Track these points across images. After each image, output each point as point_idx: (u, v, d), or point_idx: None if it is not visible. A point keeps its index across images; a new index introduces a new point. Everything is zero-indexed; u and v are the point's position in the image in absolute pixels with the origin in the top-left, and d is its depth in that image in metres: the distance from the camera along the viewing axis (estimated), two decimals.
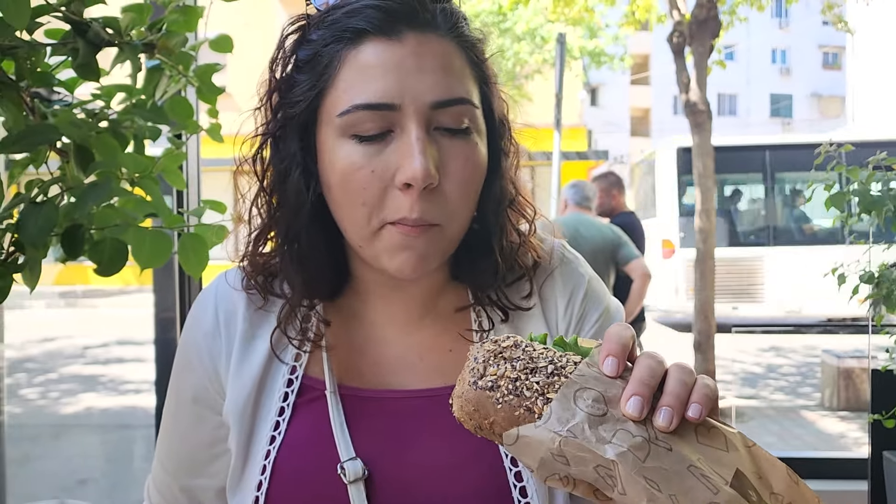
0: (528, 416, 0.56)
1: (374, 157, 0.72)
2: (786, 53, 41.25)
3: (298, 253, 0.80)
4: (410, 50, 0.72)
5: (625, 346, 0.57)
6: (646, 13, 7.54)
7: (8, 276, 0.90)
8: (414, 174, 0.70)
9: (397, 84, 0.71)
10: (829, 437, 5.57)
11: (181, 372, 0.88)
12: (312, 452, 0.79)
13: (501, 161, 0.82)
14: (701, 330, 6.11)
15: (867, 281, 1.88)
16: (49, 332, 9.81)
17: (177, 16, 0.99)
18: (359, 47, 0.73)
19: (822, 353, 6.46)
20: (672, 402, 0.54)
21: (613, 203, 4.73)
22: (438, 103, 0.72)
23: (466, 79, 0.76)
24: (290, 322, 0.82)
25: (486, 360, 0.59)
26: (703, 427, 0.55)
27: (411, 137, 0.71)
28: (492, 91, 0.81)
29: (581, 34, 14.91)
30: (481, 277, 0.83)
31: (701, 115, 6.05)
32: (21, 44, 0.88)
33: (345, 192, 0.74)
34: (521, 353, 0.59)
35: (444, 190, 0.73)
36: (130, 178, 0.99)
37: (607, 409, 0.54)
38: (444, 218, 0.74)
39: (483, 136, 0.78)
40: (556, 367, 0.58)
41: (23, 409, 6.35)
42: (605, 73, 21.13)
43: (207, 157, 2.16)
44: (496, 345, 0.60)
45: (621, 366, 0.56)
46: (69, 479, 4.59)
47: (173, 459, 0.90)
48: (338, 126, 0.73)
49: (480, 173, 0.77)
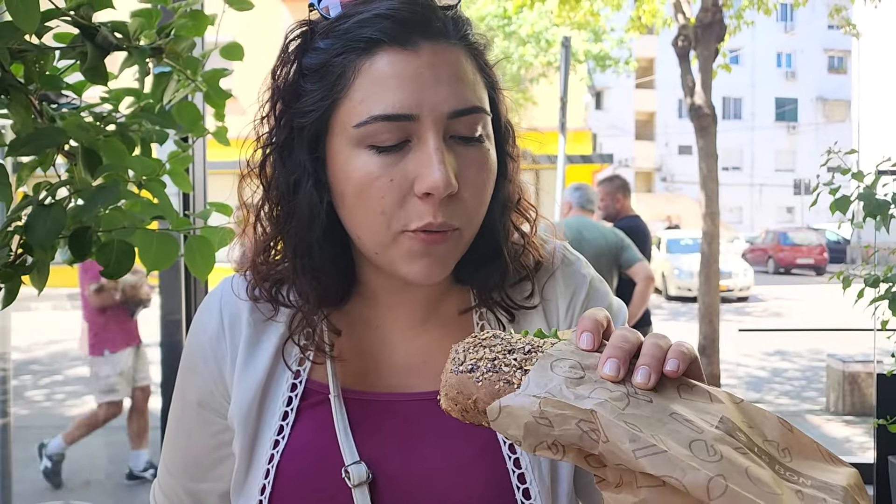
0: (508, 388, 0.57)
1: (393, 166, 0.72)
2: (791, 57, 41.18)
3: (311, 265, 0.79)
4: (426, 61, 0.73)
5: (598, 323, 0.59)
6: (651, 17, 7.54)
7: (16, 277, 0.90)
8: (435, 183, 0.70)
9: (415, 95, 0.72)
10: (834, 442, 5.55)
11: (186, 376, 0.88)
12: (316, 456, 0.79)
13: (508, 165, 0.83)
14: (706, 334, 6.10)
15: (872, 284, 1.87)
16: (55, 334, 9.82)
17: (185, 20, 1.00)
18: (373, 58, 0.73)
19: (827, 357, 6.43)
20: (648, 361, 0.55)
21: (618, 206, 4.73)
22: (455, 113, 0.73)
23: (478, 86, 0.77)
24: (301, 331, 0.82)
25: (465, 350, 0.61)
26: (686, 386, 0.56)
27: (430, 147, 0.71)
28: (498, 96, 0.82)
29: (586, 38, 14.90)
30: (488, 279, 0.83)
31: (706, 119, 6.05)
32: (30, 47, 0.89)
33: (362, 201, 0.74)
34: (500, 341, 0.61)
35: (462, 197, 0.74)
36: (138, 181, 0.99)
37: (584, 374, 0.55)
38: (463, 221, 0.75)
39: (492, 141, 0.79)
40: (533, 346, 0.60)
41: (29, 410, 6.37)
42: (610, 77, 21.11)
43: (213, 161, 2.17)
44: (475, 338, 0.62)
45: (596, 341, 0.58)
46: (74, 480, 4.60)
47: (178, 463, 0.90)
48: (353, 136, 0.73)
49: (493, 179, 0.78)
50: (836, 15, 8.08)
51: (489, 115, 0.77)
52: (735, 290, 15.23)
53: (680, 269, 15.64)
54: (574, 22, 8.43)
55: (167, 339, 2.15)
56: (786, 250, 22.38)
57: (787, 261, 22.29)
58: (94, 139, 0.94)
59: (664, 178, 40.73)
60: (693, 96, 6.10)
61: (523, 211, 0.87)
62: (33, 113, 0.94)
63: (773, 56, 40.72)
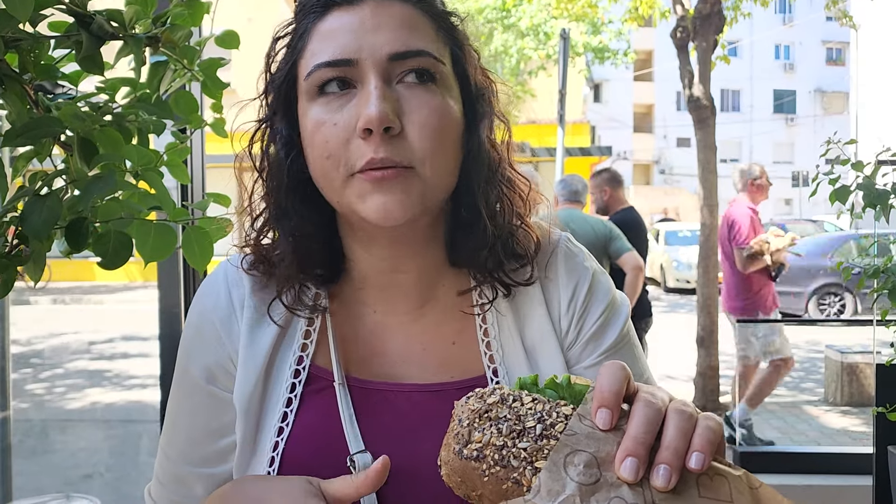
0: (517, 488, 0.53)
1: (337, 111, 0.75)
2: (789, 49, 41.16)
3: (290, 227, 0.82)
4: (369, 11, 0.76)
5: (618, 394, 0.54)
6: (649, 9, 7.53)
7: (12, 268, 0.90)
8: (369, 117, 0.72)
9: (355, 41, 0.75)
10: (833, 433, 5.56)
11: (193, 353, 0.86)
12: (321, 444, 0.79)
13: (479, 123, 0.82)
14: (704, 325, 6.10)
15: (872, 275, 1.87)
16: (55, 327, 9.83)
17: (181, 9, 0.99)
18: (325, 18, 0.78)
19: (825, 349, 6.45)
20: (670, 458, 0.51)
21: (606, 199, 4.73)
22: (396, 55, 0.75)
23: (429, 37, 0.78)
24: (286, 291, 0.83)
25: (470, 423, 0.55)
26: (706, 476, 0.52)
27: (370, 87, 0.74)
28: (465, 55, 0.82)
29: (584, 30, 14.88)
30: (479, 255, 0.82)
31: (704, 111, 6.04)
32: (25, 36, 0.88)
33: (313, 149, 0.77)
34: (508, 412, 0.55)
35: (407, 135, 0.74)
36: (135, 171, 0.99)
37: (600, 475, 0.51)
38: (414, 160, 0.74)
39: (454, 93, 0.79)
40: (545, 426, 0.54)
41: (29, 403, 6.38)
42: (609, 70, 21.08)
43: (212, 154, 2.17)
44: (481, 401, 0.56)
45: (615, 416, 0.53)
46: (74, 474, 4.60)
47: (179, 445, 0.86)
48: (306, 91, 0.77)
49: (449, 123, 0.77)
50: (833, 7, 8.06)
51: (441, 63, 0.77)
52: None
53: (678, 261, 15.65)
54: (572, 14, 8.42)
55: (166, 332, 2.14)
56: None
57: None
58: (91, 129, 0.94)
59: (662, 170, 40.73)
60: (691, 88, 6.08)
61: (516, 185, 0.86)
62: (29, 103, 0.93)
63: (771, 48, 40.70)
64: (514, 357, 0.83)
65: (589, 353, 0.85)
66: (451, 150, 0.78)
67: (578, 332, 0.85)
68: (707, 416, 0.54)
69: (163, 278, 2.16)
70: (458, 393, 0.81)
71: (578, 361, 0.85)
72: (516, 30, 14.18)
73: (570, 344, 0.85)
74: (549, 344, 0.84)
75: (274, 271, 0.84)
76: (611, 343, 0.86)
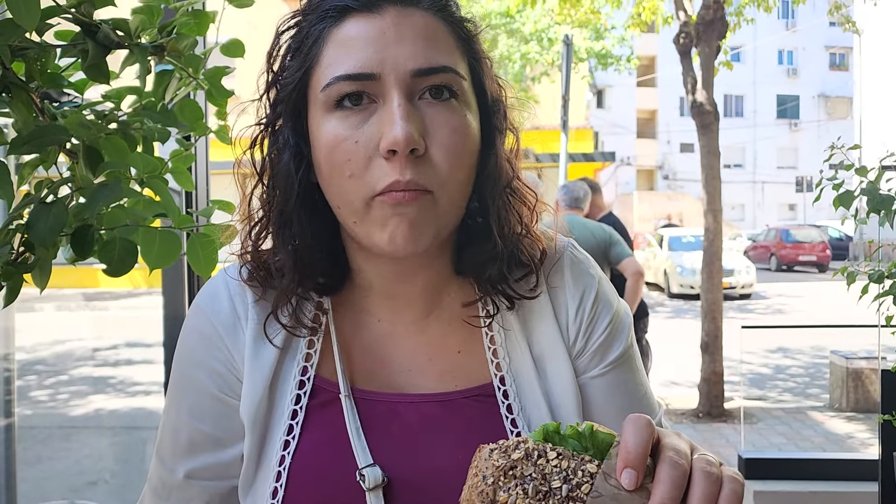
0: None
1: (358, 128, 0.72)
2: (793, 54, 41.14)
3: (291, 236, 0.79)
4: (391, 21, 0.73)
5: (644, 454, 0.54)
6: (652, 15, 7.53)
7: (18, 276, 0.90)
8: (396, 139, 0.69)
9: (377, 54, 0.72)
10: (838, 439, 5.54)
11: (199, 359, 0.83)
12: (329, 458, 0.77)
13: (496, 139, 0.81)
14: (708, 331, 6.09)
15: (877, 280, 1.87)
16: (59, 334, 9.84)
17: (187, 19, 0.99)
18: (341, 24, 0.74)
19: (830, 354, 6.43)
20: None
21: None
22: (420, 71, 0.72)
23: (450, 50, 0.75)
24: (281, 306, 0.80)
25: (495, 482, 0.55)
26: None
27: (393, 105, 0.71)
28: (482, 67, 0.80)
29: (587, 36, 14.89)
30: (486, 267, 0.81)
31: (708, 117, 6.04)
32: (31, 45, 0.88)
33: (331, 165, 0.74)
34: (533, 470, 0.55)
35: (431, 157, 0.72)
36: (140, 179, 0.99)
37: None
38: (435, 185, 0.72)
39: (472, 109, 0.77)
40: (571, 486, 0.54)
41: (33, 410, 6.38)
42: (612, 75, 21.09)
43: (217, 161, 2.17)
44: (506, 457, 0.56)
45: (640, 477, 0.53)
46: (79, 480, 4.60)
47: (180, 453, 0.84)
48: (322, 101, 0.74)
49: (470, 143, 0.75)
50: (836, 12, 8.06)
51: (463, 78, 0.75)
52: (737, 288, 15.24)
53: (682, 267, 15.63)
54: (575, 20, 8.42)
55: (170, 339, 2.14)
56: (788, 247, 22.40)
57: (789, 258, 22.30)
58: (96, 137, 0.94)
59: (666, 175, 40.71)
60: (695, 94, 6.09)
61: (522, 195, 0.84)
62: (35, 111, 0.94)
63: (774, 53, 40.69)
64: (521, 364, 0.82)
65: (595, 364, 0.84)
66: (468, 172, 0.76)
67: (586, 342, 0.85)
68: (731, 479, 0.54)
69: (167, 285, 2.16)
70: (464, 401, 0.80)
71: (585, 371, 0.84)
72: (520, 35, 14.19)
73: (577, 353, 0.84)
74: (557, 351, 0.83)
75: (272, 282, 0.81)
76: (616, 356, 0.85)
